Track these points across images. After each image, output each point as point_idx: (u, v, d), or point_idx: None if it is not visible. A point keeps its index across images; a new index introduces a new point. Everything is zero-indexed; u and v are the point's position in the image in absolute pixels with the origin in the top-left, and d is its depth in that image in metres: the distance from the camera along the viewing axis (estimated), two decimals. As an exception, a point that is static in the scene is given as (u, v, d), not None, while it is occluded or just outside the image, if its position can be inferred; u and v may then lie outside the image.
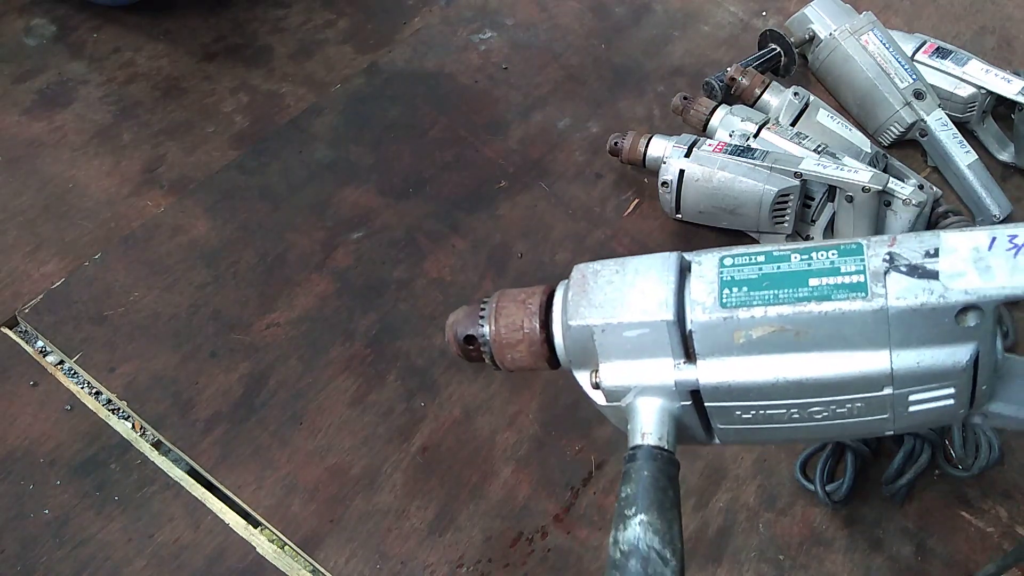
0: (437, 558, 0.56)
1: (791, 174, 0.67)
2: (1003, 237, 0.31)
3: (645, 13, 0.93)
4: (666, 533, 0.33)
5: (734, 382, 0.34)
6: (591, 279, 0.37)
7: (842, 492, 0.59)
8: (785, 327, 0.33)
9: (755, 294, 0.33)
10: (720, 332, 0.33)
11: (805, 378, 0.33)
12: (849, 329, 0.32)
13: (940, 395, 0.33)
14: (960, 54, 0.82)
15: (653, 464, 0.34)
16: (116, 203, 0.71)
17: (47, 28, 0.83)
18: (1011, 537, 0.60)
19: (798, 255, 0.33)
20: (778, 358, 0.33)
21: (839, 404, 0.34)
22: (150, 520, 0.56)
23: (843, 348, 0.32)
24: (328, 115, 0.80)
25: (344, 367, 0.64)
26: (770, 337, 0.33)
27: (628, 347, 0.35)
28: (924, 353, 0.32)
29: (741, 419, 0.35)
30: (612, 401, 0.37)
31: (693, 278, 0.34)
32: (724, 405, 0.35)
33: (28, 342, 0.63)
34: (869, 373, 0.32)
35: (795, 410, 0.34)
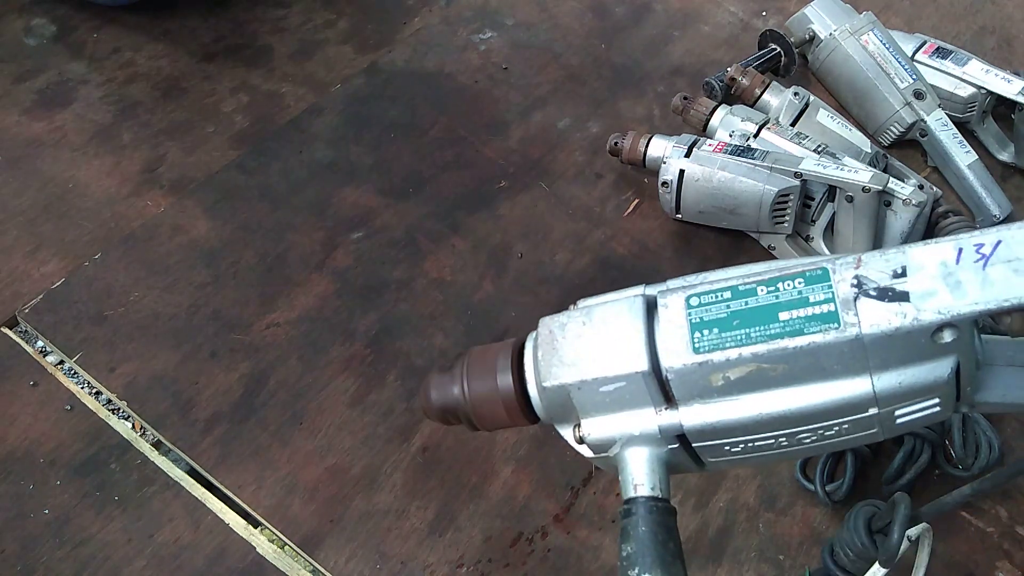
0: (437, 558, 0.56)
1: (791, 174, 0.67)
2: (969, 247, 0.30)
3: (645, 13, 0.93)
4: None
5: (718, 422, 0.34)
6: (558, 334, 0.36)
7: (842, 492, 0.59)
8: (762, 365, 0.32)
9: (727, 335, 0.33)
10: (697, 377, 0.33)
11: (789, 411, 0.33)
12: (827, 360, 0.31)
13: (926, 406, 0.33)
14: (960, 54, 0.82)
15: (650, 517, 0.34)
16: (116, 203, 0.71)
17: (47, 28, 0.83)
18: (1011, 537, 0.60)
19: (764, 287, 0.33)
20: (759, 395, 0.33)
21: (826, 428, 0.34)
22: (150, 520, 0.56)
23: (823, 378, 0.32)
24: (328, 115, 0.80)
25: (344, 367, 0.64)
26: (748, 376, 0.32)
27: (607, 401, 0.35)
28: (905, 372, 0.31)
29: (731, 452, 0.35)
30: (599, 453, 0.36)
31: (662, 323, 0.34)
32: (711, 444, 0.35)
33: (28, 342, 0.63)
34: (852, 398, 0.32)
35: (783, 439, 0.34)
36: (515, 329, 0.67)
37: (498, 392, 0.38)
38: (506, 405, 0.38)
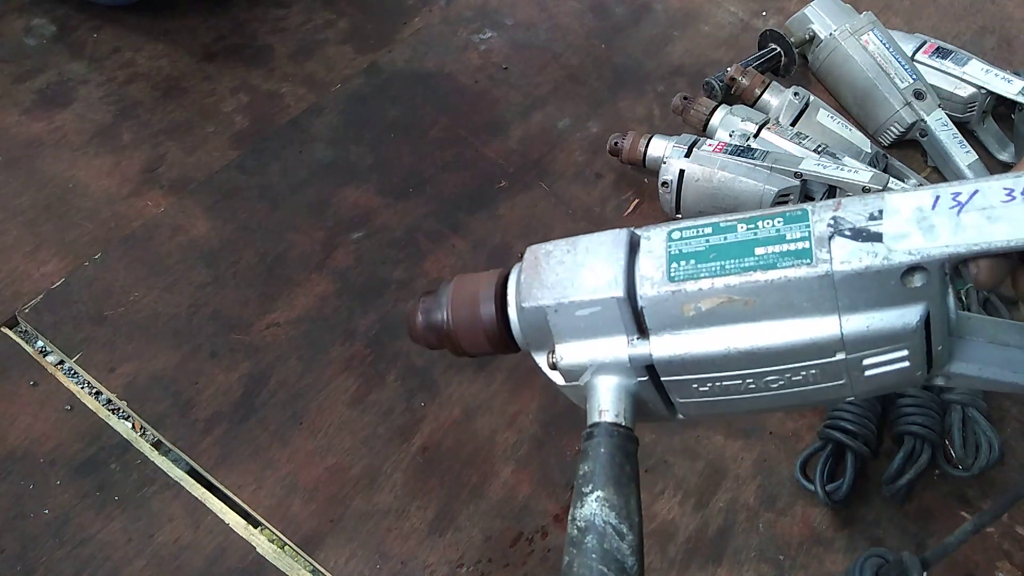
0: (437, 558, 0.56)
1: (791, 174, 0.67)
2: (947, 195, 0.30)
3: (645, 13, 0.93)
4: (623, 508, 0.33)
5: (687, 355, 0.34)
6: (543, 260, 0.37)
7: (842, 492, 0.59)
8: (733, 297, 0.32)
9: (702, 266, 0.33)
10: (670, 306, 0.33)
11: (757, 347, 0.33)
12: (797, 296, 0.32)
13: (894, 358, 0.33)
14: (960, 54, 0.82)
15: (610, 441, 0.34)
16: (116, 203, 0.71)
17: (47, 28, 0.83)
18: (1011, 537, 0.60)
19: (744, 224, 0.33)
20: (729, 328, 0.33)
21: (794, 372, 0.34)
22: (150, 520, 0.56)
23: (792, 315, 0.32)
24: (328, 115, 0.80)
25: (344, 367, 0.64)
26: (719, 308, 0.33)
27: (582, 326, 0.35)
28: (873, 316, 0.32)
29: (699, 392, 0.36)
30: (570, 381, 0.37)
31: (642, 253, 0.34)
32: (680, 379, 0.35)
33: (28, 342, 0.63)
34: (820, 339, 0.32)
35: (751, 380, 0.34)
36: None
37: (480, 319, 0.39)
38: (487, 332, 0.39)
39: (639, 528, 0.33)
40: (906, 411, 0.60)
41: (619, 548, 0.32)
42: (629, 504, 0.33)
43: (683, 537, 0.58)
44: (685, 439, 0.62)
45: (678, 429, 0.63)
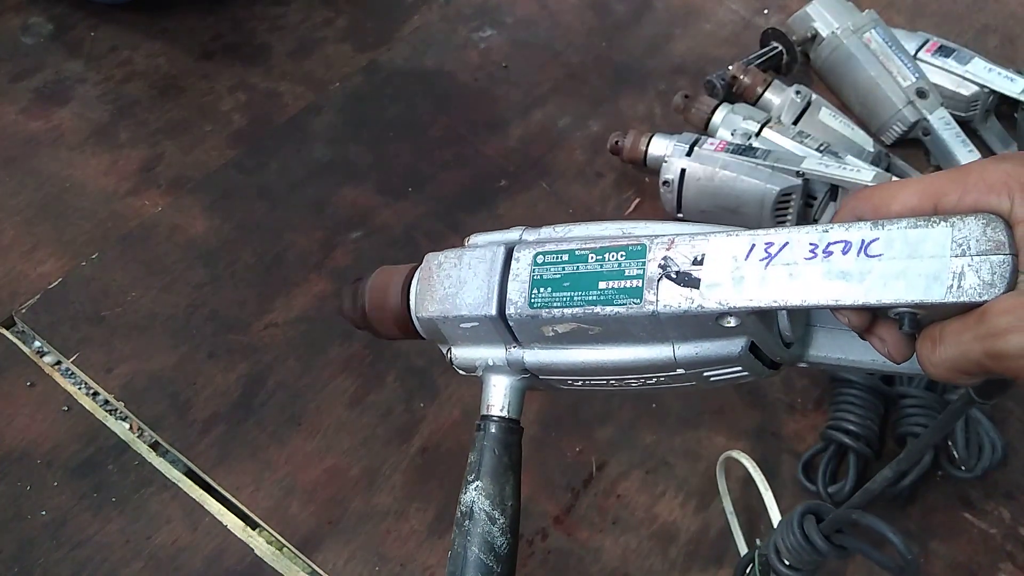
0: (437, 560, 0.56)
1: (793, 173, 0.66)
2: (760, 246, 0.32)
3: (646, 11, 0.93)
4: (496, 496, 0.39)
5: (552, 364, 0.39)
6: (435, 271, 0.42)
7: (844, 493, 0.58)
8: (581, 325, 0.37)
9: (556, 295, 0.37)
10: (532, 327, 0.38)
11: (606, 363, 0.38)
12: (633, 327, 0.36)
13: (733, 371, 0.36)
14: (963, 52, 0.81)
15: (491, 434, 0.40)
16: (113, 202, 0.71)
17: (44, 26, 0.83)
18: (1015, 538, 0.59)
19: (594, 255, 0.37)
20: (581, 349, 0.38)
21: (646, 379, 0.38)
22: (148, 521, 0.56)
23: (632, 342, 0.37)
24: (327, 114, 0.79)
25: (343, 368, 0.64)
26: (571, 333, 0.37)
27: (468, 335, 0.41)
28: (701, 345, 0.35)
29: (572, 386, 0.41)
30: (468, 373, 0.43)
31: (511, 276, 0.39)
32: (555, 378, 0.40)
33: (25, 342, 0.63)
34: (658, 360, 0.37)
35: (612, 381, 0.39)
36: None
37: (390, 311, 0.44)
38: (397, 323, 0.44)
39: (513, 511, 0.39)
40: (908, 412, 0.60)
41: (490, 532, 0.38)
42: (503, 492, 0.39)
43: (684, 539, 0.58)
44: (687, 440, 0.62)
45: (679, 429, 0.62)
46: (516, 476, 0.40)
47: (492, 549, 0.37)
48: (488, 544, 0.37)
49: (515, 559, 0.39)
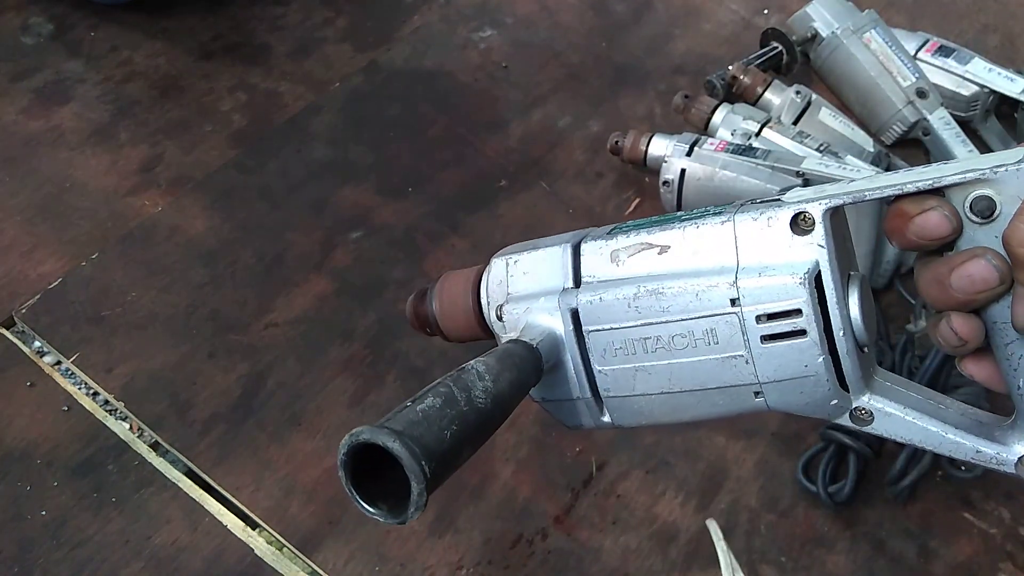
0: (436, 560, 0.56)
1: (793, 173, 0.66)
2: None
3: (646, 11, 0.93)
4: (494, 367, 0.35)
5: (605, 297, 0.38)
6: (508, 263, 0.43)
7: (844, 493, 0.58)
8: (651, 243, 0.37)
9: (636, 227, 0.38)
10: (604, 252, 0.38)
11: (660, 272, 0.37)
12: (702, 244, 0.36)
13: (791, 323, 0.34)
14: (963, 52, 0.81)
15: (517, 345, 0.37)
16: (113, 202, 0.71)
17: (44, 26, 0.83)
18: (1015, 539, 0.59)
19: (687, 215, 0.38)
20: (641, 266, 0.37)
21: (695, 325, 0.36)
22: (148, 522, 0.56)
23: (697, 262, 0.36)
24: (327, 114, 0.79)
25: (343, 368, 0.64)
26: (637, 256, 0.37)
27: (530, 281, 0.40)
28: (765, 259, 0.35)
29: (614, 352, 0.38)
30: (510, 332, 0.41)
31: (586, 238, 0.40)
32: (597, 330, 0.38)
33: (25, 342, 0.63)
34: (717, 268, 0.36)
35: (658, 333, 0.37)
36: (515, 329, 0.67)
37: (461, 312, 0.44)
38: (469, 322, 0.44)
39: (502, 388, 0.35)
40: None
41: (473, 381, 0.34)
42: (502, 371, 0.35)
43: (684, 539, 0.58)
44: (687, 440, 0.62)
45: (679, 429, 0.62)
46: (517, 380, 0.36)
47: (467, 389, 0.33)
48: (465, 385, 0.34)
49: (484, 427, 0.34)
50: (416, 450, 0.30)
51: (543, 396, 0.40)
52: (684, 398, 0.38)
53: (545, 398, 0.41)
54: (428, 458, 0.30)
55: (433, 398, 0.32)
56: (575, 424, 0.40)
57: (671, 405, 0.38)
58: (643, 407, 0.39)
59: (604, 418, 0.40)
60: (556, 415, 0.41)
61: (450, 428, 0.32)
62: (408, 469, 0.29)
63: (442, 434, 0.31)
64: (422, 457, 0.30)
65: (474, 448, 0.33)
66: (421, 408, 0.32)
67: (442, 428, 0.31)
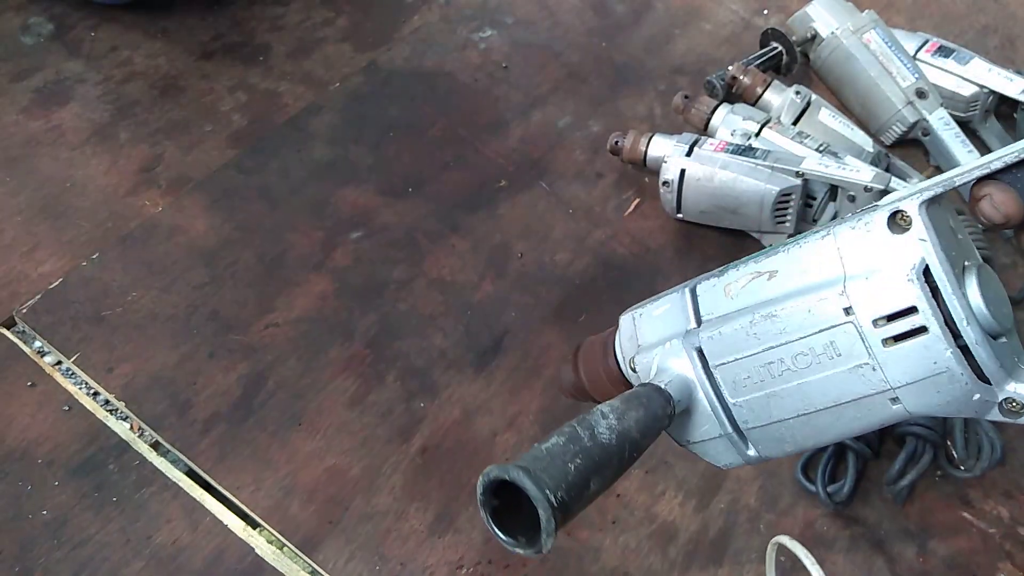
0: (437, 559, 0.56)
1: (793, 173, 0.66)
2: None
3: (646, 11, 0.93)
4: (619, 407, 0.36)
5: (724, 330, 0.38)
6: (633, 319, 0.44)
7: (844, 493, 0.58)
8: (759, 271, 0.38)
9: (746, 260, 0.39)
10: (718, 288, 0.40)
11: (772, 297, 0.37)
12: (808, 262, 0.36)
13: (909, 323, 0.34)
14: (963, 53, 0.81)
15: (645, 388, 0.39)
16: (114, 202, 0.71)
17: (44, 26, 0.83)
18: (1013, 538, 0.59)
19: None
20: (753, 295, 0.38)
21: (814, 341, 0.36)
22: (148, 521, 0.56)
23: (806, 279, 0.37)
24: (327, 114, 0.79)
25: (343, 368, 0.64)
26: (749, 286, 0.38)
27: (656, 329, 0.41)
28: (871, 264, 0.35)
29: (744, 382, 0.38)
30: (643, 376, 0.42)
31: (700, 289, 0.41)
32: (723, 363, 0.39)
33: (26, 342, 0.63)
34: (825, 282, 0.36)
35: (780, 355, 0.37)
36: (515, 329, 0.67)
37: (604, 374, 0.45)
38: (611, 381, 0.45)
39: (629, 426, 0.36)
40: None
41: (596, 420, 0.36)
42: (627, 411, 0.36)
43: (684, 538, 0.58)
44: (686, 440, 0.62)
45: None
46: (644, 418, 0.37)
47: (590, 427, 0.35)
48: (588, 424, 0.35)
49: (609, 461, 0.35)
50: (541, 480, 0.32)
51: (688, 439, 0.41)
52: (821, 417, 0.37)
53: (691, 441, 0.41)
54: (553, 488, 0.32)
55: (557, 437, 0.34)
56: (726, 463, 0.41)
57: (811, 427, 0.38)
58: (784, 434, 0.39)
59: (750, 452, 0.40)
60: (705, 457, 0.42)
61: (574, 461, 0.33)
62: (534, 498, 0.31)
63: (566, 467, 0.33)
64: (547, 487, 0.31)
65: (603, 480, 0.35)
66: (546, 447, 0.34)
67: (566, 461, 0.33)
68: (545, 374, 0.65)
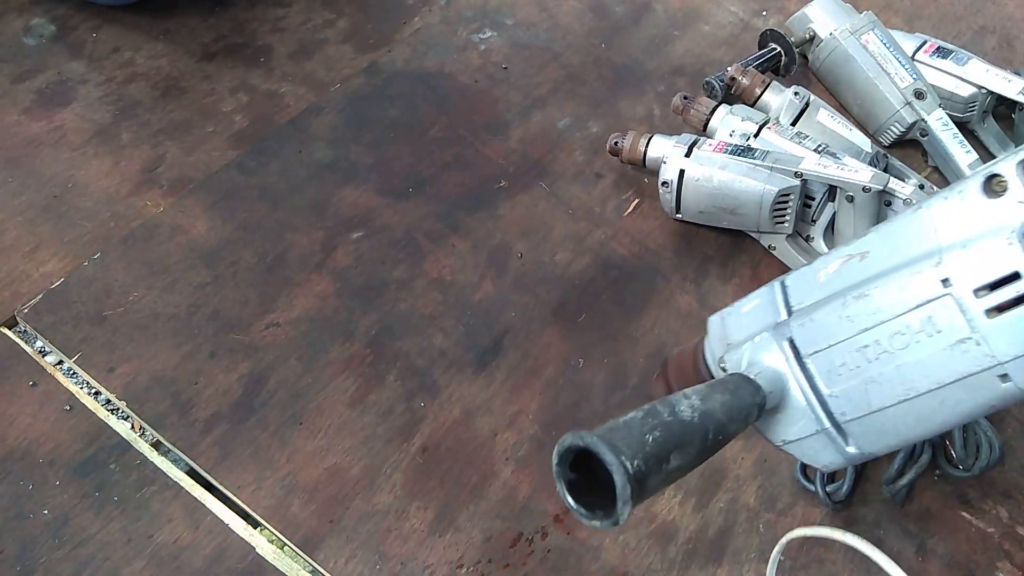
0: (437, 559, 0.56)
1: (791, 174, 0.67)
2: None
3: (645, 12, 0.93)
4: (702, 392, 0.36)
5: (816, 316, 0.37)
6: (722, 319, 0.43)
7: (843, 493, 0.59)
8: (851, 254, 0.36)
9: (837, 248, 0.38)
10: (808, 276, 0.38)
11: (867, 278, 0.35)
12: (901, 241, 0.35)
13: (1015, 289, 0.31)
14: (961, 54, 0.82)
15: (732, 376, 0.38)
16: (115, 203, 0.71)
17: (46, 28, 0.83)
18: (1012, 537, 0.60)
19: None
20: (844, 278, 0.37)
21: (911, 319, 0.34)
22: (149, 520, 0.56)
23: (899, 257, 0.35)
24: (328, 115, 0.80)
25: (344, 367, 0.64)
26: (840, 270, 0.37)
27: (745, 325, 0.40)
28: (968, 232, 0.33)
29: (838, 370, 0.36)
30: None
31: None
32: (816, 352, 0.37)
33: (27, 342, 0.63)
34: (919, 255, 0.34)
35: (876, 338, 0.35)
36: (515, 329, 0.67)
37: (692, 380, 0.44)
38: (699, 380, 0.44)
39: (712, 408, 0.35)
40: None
41: (678, 400, 0.34)
42: (711, 396, 0.35)
43: (683, 538, 0.58)
44: (685, 439, 0.62)
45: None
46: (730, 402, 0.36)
47: (671, 405, 0.34)
48: (669, 403, 0.34)
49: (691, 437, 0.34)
50: (617, 446, 0.31)
51: (783, 439, 0.39)
52: (925, 403, 0.35)
53: (786, 440, 0.39)
54: (630, 456, 0.31)
55: (635, 412, 0.34)
56: (825, 463, 0.39)
57: (914, 414, 0.35)
58: (885, 424, 0.36)
59: (849, 448, 0.38)
60: (803, 458, 0.40)
61: (652, 433, 0.33)
62: (609, 464, 0.30)
63: (643, 438, 0.32)
64: (623, 453, 0.31)
65: (685, 457, 0.34)
66: (623, 419, 0.33)
67: (643, 433, 0.32)
68: (545, 374, 0.65)
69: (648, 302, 0.70)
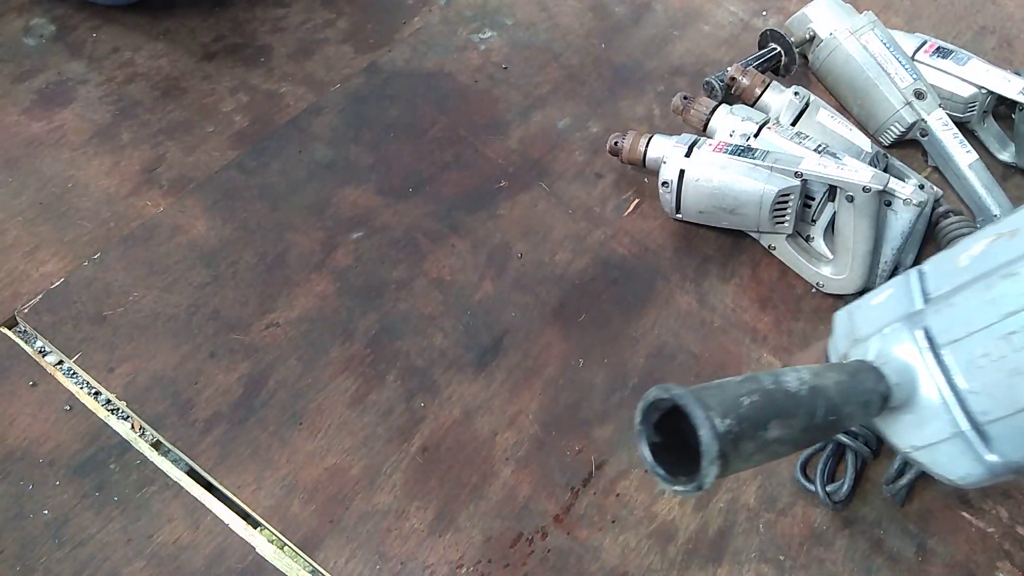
0: (437, 558, 0.56)
1: (791, 174, 0.67)
2: None
3: (645, 12, 0.93)
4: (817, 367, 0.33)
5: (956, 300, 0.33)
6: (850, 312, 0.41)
7: (843, 493, 0.59)
8: (999, 232, 0.33)
9: (981, 229, 0.36)
10: (949, 260, 0.35)
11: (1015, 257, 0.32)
12: None
13: None
14: (961, 54, 0.82)
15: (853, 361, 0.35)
16: (115, 203, 0.71)
17: (46, 28, 0.83)
18: (1012, 537, 0.60)
19: None
20: (990, 259, 0.33)
21: None
22: (149, 520, 0.56)
23: None
24: (328, 115, 0.80)
25: (344, 367, 0.64)
26: (985, 251, 0.33)
27: (875, 317, 0.37)
28: None
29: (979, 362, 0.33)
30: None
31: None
32: (954, 341, 0.33)
33: (27, 342, 0.63)
34: None
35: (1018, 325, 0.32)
36: (515, 329, 0.67)
37: None
38: None
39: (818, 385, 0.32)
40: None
41: (784, 372, 0.32)
42: (825, 374, 0.32)
43: (683, 538, 0.58)
44: (685, 439, 0.62)
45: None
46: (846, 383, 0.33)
47: (775, 375, 0.31)
48: (774, 373, 0.31)
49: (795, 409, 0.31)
50: (705, 402, 0.28)
51: (912, 444, 0.35)
52: None
53: (915, 446, 0.35)
54: (721, 413, 0.28)
55: (734, 378, 0.31)
56: (960, 476, 0.35)
57: None
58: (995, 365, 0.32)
59: (990, 457, 0.33)
60: (934, 469, 0.35)
61: (750, 396, 0.29)
62: (695, 418, 0.27)
63: (739, 399, 0.29)
64: (711, 409, 0.28)
65: (787, 429, 0.30)
66: (719, 382, 0.30)
67: (739, 395, 0.29)
68: (545, 373, 0.65)
69: (648, 302, 0.70)
